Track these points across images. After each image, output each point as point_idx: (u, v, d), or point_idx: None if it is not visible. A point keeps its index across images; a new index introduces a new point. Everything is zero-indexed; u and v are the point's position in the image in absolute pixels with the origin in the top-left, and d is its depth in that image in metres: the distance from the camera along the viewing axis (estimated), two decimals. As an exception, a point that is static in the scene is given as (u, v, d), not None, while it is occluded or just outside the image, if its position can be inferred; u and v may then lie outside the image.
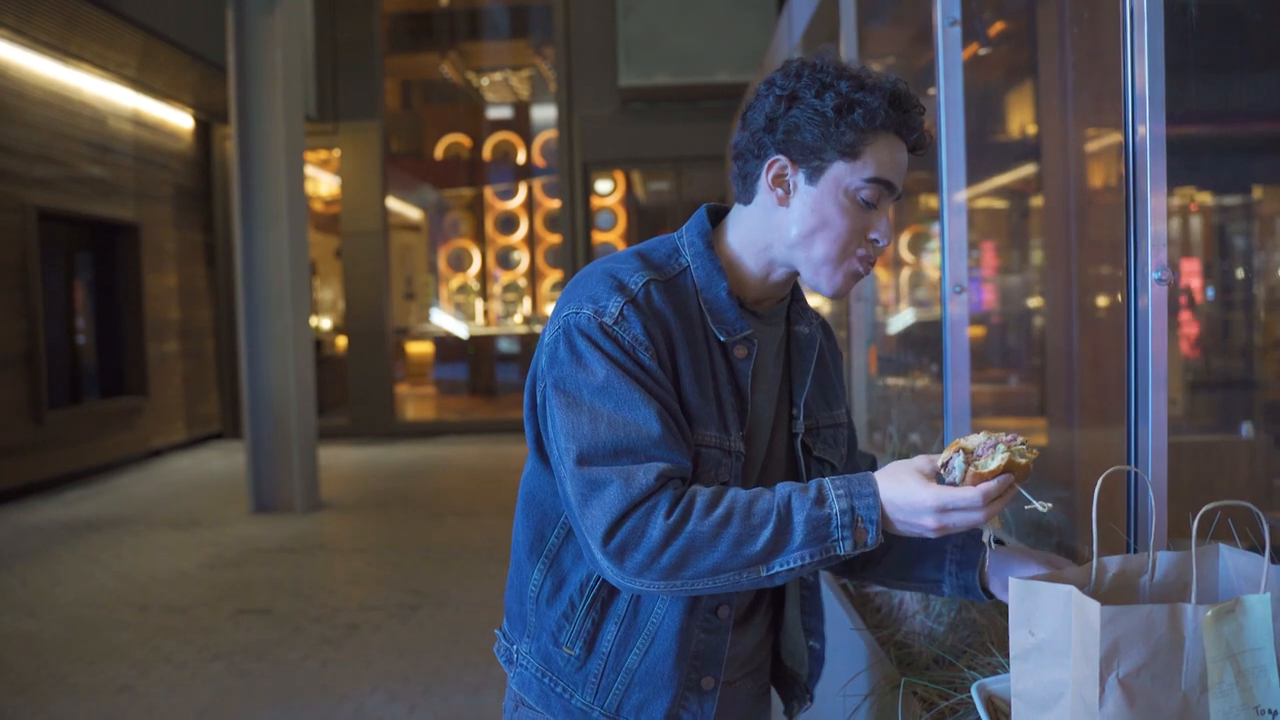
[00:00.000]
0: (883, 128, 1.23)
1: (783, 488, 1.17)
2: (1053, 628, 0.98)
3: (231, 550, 6.26)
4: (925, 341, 4.60)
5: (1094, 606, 0.90)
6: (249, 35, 7.27)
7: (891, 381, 4.57)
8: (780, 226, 1.29)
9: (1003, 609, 1.67)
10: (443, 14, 13.15)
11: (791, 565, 1.14)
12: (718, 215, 1.39)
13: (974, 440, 1.10)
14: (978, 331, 4.02)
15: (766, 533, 1.13)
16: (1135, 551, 1.45)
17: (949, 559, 1.36)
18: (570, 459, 1.19)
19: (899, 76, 1.29)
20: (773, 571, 1.14)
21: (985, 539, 1.22)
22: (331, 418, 11.62)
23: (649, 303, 1.24)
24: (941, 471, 1.12)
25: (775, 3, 9.76)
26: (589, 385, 1.21)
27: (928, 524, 1.11)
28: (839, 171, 1.24)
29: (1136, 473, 1.29)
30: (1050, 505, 1.08)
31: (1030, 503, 1.08)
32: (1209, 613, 0.91)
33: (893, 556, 1.42)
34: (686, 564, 1.14)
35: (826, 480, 1.17)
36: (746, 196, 1.33)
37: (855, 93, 1.22)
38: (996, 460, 1.08)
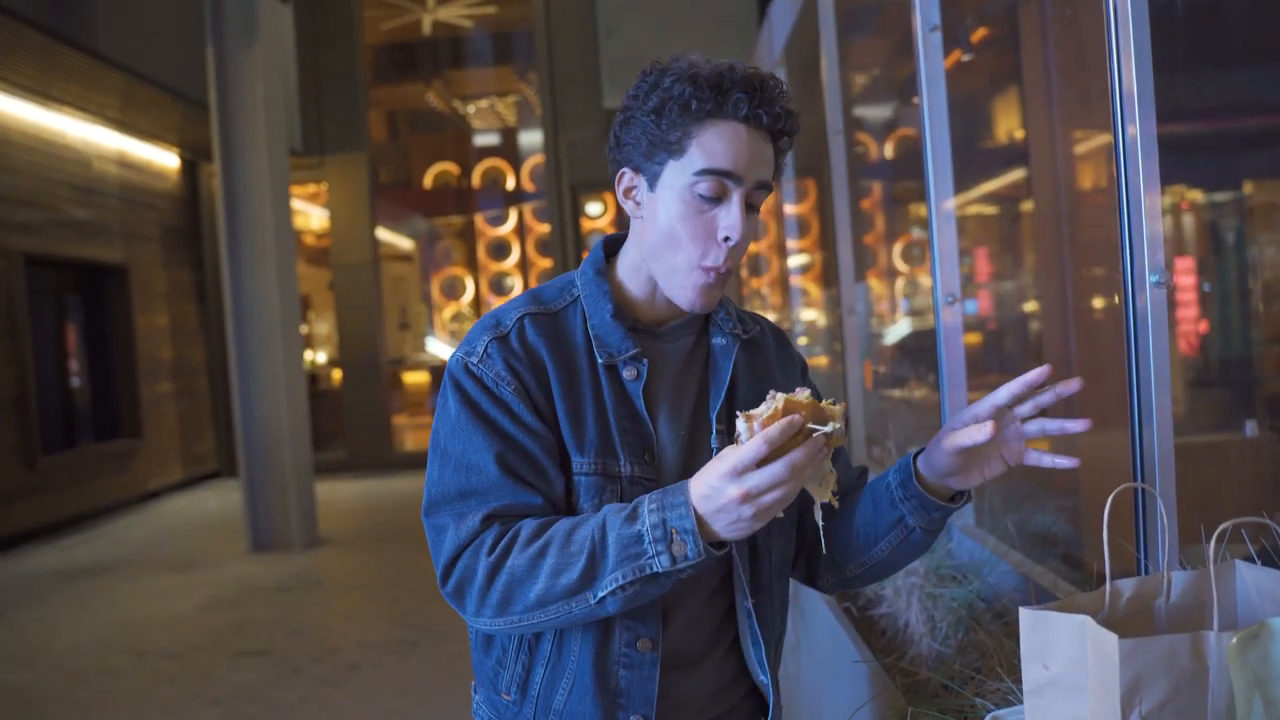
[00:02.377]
0: (706, 115, 1.19)
1: (606, 509, 1.15)
2: (1068, 660, 0.91)
3: (229, 591, 6.17)
4: (920, 352, 4.55)
5: (1111, 639, 0.84)
6: (229, 71, 7.24)
7: (888, 394, 4.52)
8: (642, 241, 1.27)
9: (1010, 632, 1.61)
10: (426, 43, 13.15)
11: (611, 589, 1.11)
12: (621, 244, 1.37)
13: (758, 409, 1.06)
14: (973, 339, 3.97)
15: (582, 559, 1.12)
16: (1145, 566, 1.39)
17: (894, 492, 1.28)
18: (423, 509, 1.24)
19: (741, 62, 1.24)
20: (599, 597, 1.12)
21: (816, 518, 1.15)
22: (329, 451, 11.55)
23: (521, 337, 1.25)
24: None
25: (755, 19, 9.76)
26: (445, 427, 1.25)
27: (733, 496, 1.04)
28: (670, 172, 1.22)
29: (1145, 489, 1.23)
30: (839, 425, 1.05)
31: (817, 430, 1.04)
32: (1233, 640, 0.85)
33: (857, 539, 1.34)
34: (512, 598, 1.16)
35: (647, 495, 1.13)
36: (626, 219, 1.32)
37: (674, 87, 1.20)
38: (771, 408, 1.04)
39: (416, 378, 13.95)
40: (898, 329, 5.67)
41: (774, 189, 1.29)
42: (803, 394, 1.06)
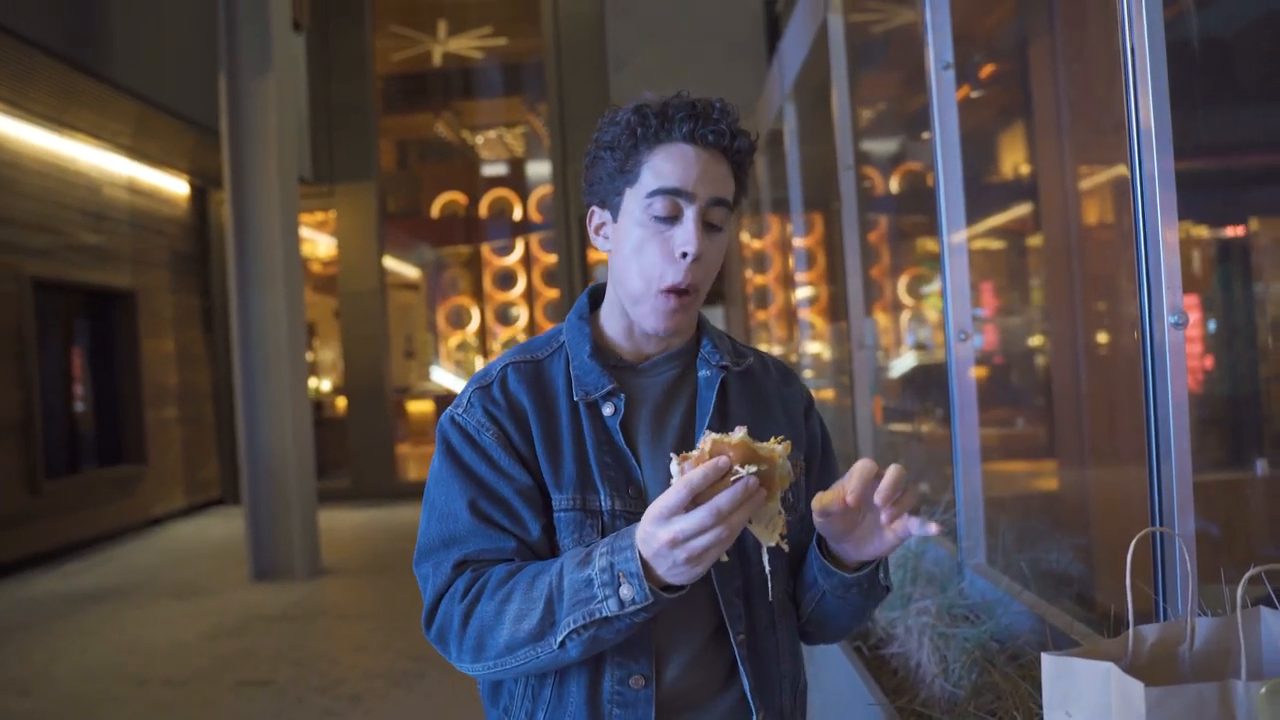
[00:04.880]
0: (654, 139, 1.24)
1: (566, 554, 1.16)
2: (1092, 708, 0.90)
3: (232, 619, 6.14)
4: (928, 386, 4.54)
5: (1137, 688, 0.82)
6: (242, 100, 7.30)
7: (898, 428, 4.50)
8: (613, 273, 1.31)
9: (1025, 674, 1.59)
10: (436, 74, 13.25)
11: (567, 632, 1.12)
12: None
13: (694, 450, 1.04)
14: (982, 372, 3.96)
15: (541, 604, 1.14)
16: (1164, 610, 1.37)
17: (812, 549, 1.26)
18: (413, 561, 1.28)
19: (687, 91, 1.28)
20: (559, 640, 1.13)
21: (764, 562, 1.14)
22: (333, 480, 11.52)
23: (503, 386, 1.29)
24: None
25: (766, 52, 9.83)
26: (432, 479, 1.29)
27: (663, 540, 1.03)
28: (628, 199, 1.26)
29: (1165, 533, 1.22)
30: (784, 465, 1.02)
31: (739, 473, 1.00)
32: (1263, 689, 0.83)
33: (800, 590, 1.33)
34: (484, 644, 1.18)
35: (602, 539, 1.14)
36: None
37: (624, 118, 1.25)
38: (696, 450, 1.02)
39: (421, 407, 13.93)
40: (903, 362, 5.66)
41: (732, 209, 1.30)
42: (737, 434, 1.03)
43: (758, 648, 1.29)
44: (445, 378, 13.65)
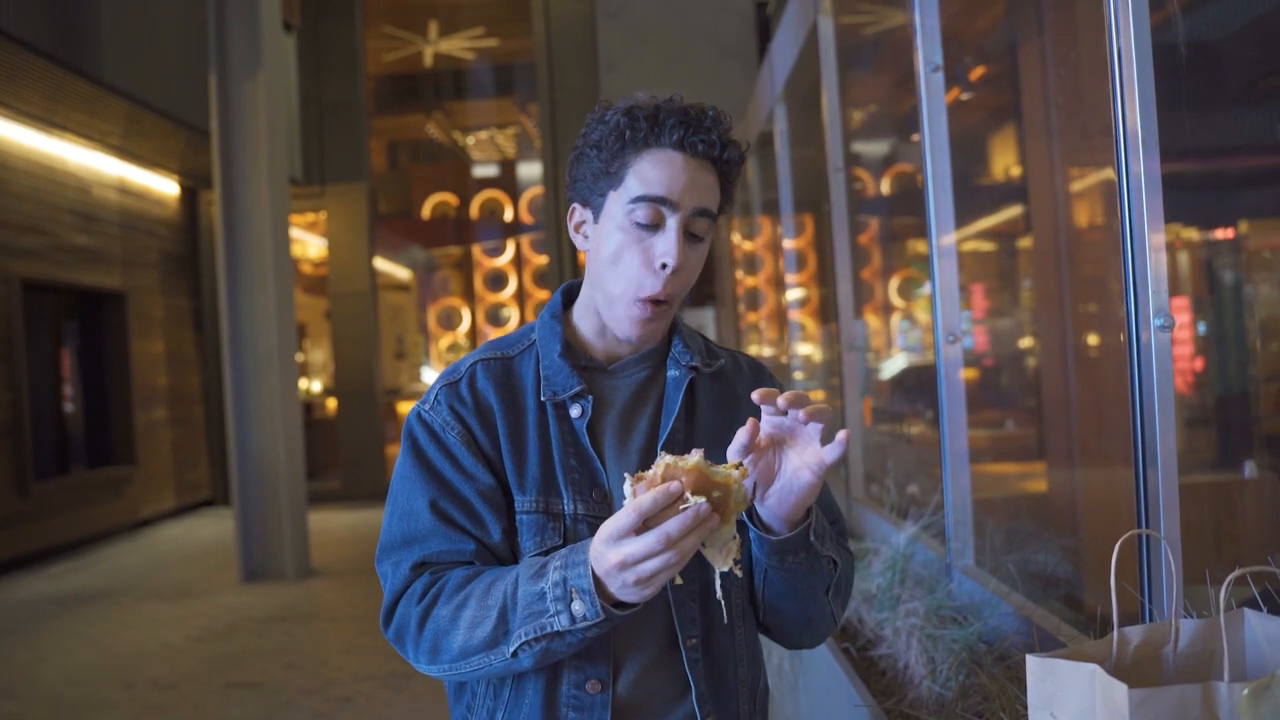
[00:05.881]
0: (642, 144, 1.21)
1: (522, 563, 1.16)
2: (1076, 710, 0.90)
3: (221, 621, 6.12)
4: (918, 388, 4.55)
5: (1121, 689, 0.83)
6: (232, 100, 7.28)
7: (887, 429, 4.50)
8: (589, 272, 1.29)
9: (1012, 675, 1.59)
10: (427, 74, 13.25)
11: (518, 644, 1.11)
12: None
13: (650, 471, 1.03)
14: (972, 374, 3.97)
15: (495, 613, 1.13)
16: (1150, 612, 1.38)
17: (749, 531, 1.22)
18: (375, 557, 1.28)
19: (680, 95, 1.26)
20: (512, 650, 1.12)
21: (715, 587, 1.11)
22: (324, 481, 11.49)
23: (471, 384, 1.28)
24: None
25: (757, 54, 9.84)
26: (397, 474, 1.29)
27: (612, 562, 1.02)
28: (611, 201, 1.24)
29: (1150, 535, 1.22)
30: (703, 499, 0.98)
31: (689, 502, 0.98)
32: (1245, 691, 0.83)
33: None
34: (439, 648, 1.18)
35: (558, 551, 1.13)
36: None
37: (614, 119, 1.23)
38: (650, 473, 1.01)
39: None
40: (894, 364, 5.67)
41: (717, 219, 1.27)
42: (693, 457, 1.02)
43: (713, 652, 1.27)
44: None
